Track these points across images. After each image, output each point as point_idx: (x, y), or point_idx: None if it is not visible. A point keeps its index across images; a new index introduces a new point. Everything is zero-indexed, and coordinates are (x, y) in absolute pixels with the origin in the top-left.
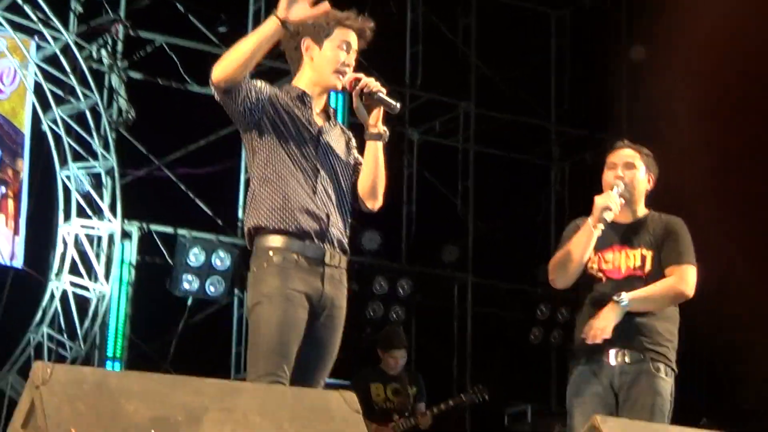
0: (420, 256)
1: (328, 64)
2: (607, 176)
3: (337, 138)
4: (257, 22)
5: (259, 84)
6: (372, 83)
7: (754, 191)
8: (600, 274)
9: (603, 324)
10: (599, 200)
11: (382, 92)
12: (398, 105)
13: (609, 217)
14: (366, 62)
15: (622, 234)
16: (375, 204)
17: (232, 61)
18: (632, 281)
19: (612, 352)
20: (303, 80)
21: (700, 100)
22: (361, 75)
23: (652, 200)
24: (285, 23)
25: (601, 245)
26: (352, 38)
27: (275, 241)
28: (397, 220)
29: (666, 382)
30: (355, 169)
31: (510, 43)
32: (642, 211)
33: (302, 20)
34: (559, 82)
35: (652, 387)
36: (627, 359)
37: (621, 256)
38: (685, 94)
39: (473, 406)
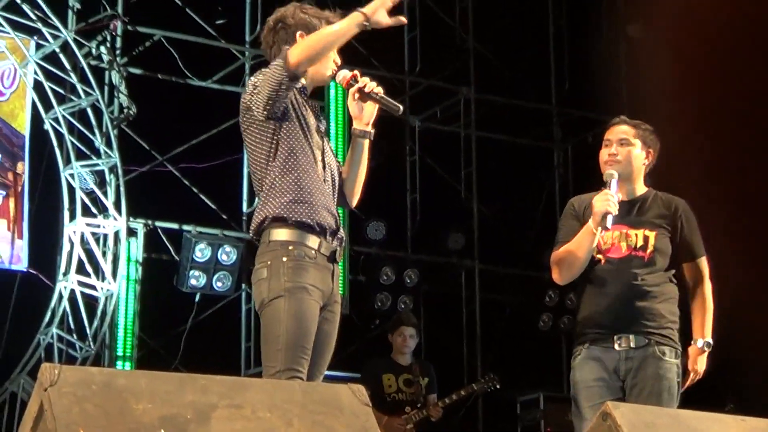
0: (425, 244)
1: (324, 60)
2: (602, 154)
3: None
4: (254, 14)
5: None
6: (371, 83)
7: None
8: (599, 255)
9: (700, 368)
10: (598, 205)
11: (381, 92)
12: (401, 107)
13: (610, 222)
14: (364, 50)
15: (623, 213)
16: (354, 201)
17: (313, 49)
18: (633, 260)
19: (616, 337)
20: None
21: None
22: (356, 72)
23: (653, 180)
24: (366, 24)
25: None
26: None
27: (294, 235)
28: (401, 209)
29: (672, 364)
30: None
31: (508, 25)
32: (641, 188)
33: (381, 25)
34: (559, 64)
35: (659, 371)
36: (632, 344)
37: (622, 236)
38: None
39: (485, 394)
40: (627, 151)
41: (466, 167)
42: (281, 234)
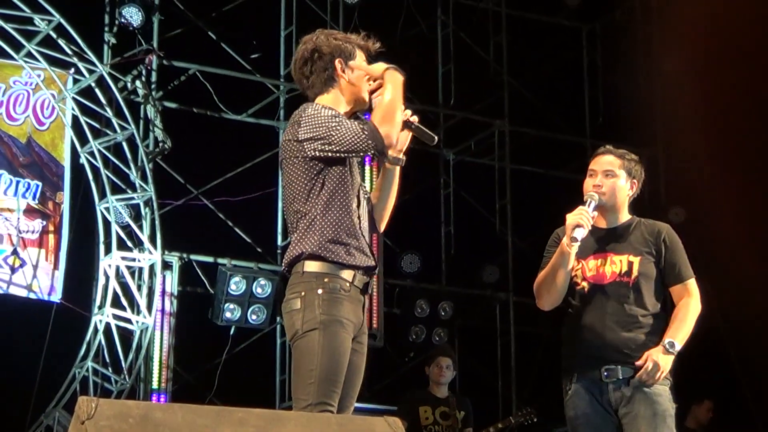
0: (460, 277)
1: (363, 83)
2: (586, 184)
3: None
4: (289, 48)
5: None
6: (407, 111)
7: None
8: (584, 283)
9: (661, 371)
10: (570, 218)
11: (417, 120)
12: (435, 137)
13: (580, 234)
14: None
15: (606, 240)
16: (383, 226)
17: (395, 119)
18: (618, 287)
19: (604, 369)
20: (331, 100)
21: (727, 110)
22: None
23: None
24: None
25: (584, 253)
26: (365, 60)
27: (329, 267)
28: (435, 241)
29: (662, 388)
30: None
31: (542, 58)
32: (625, 216)
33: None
34: (593, 97)
35: (649, 397)
36: (620, 375)
37: (606, 262)
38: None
39: (522, 428)
40: (612, 182)
41: (500, 200)
42: (316, 266)
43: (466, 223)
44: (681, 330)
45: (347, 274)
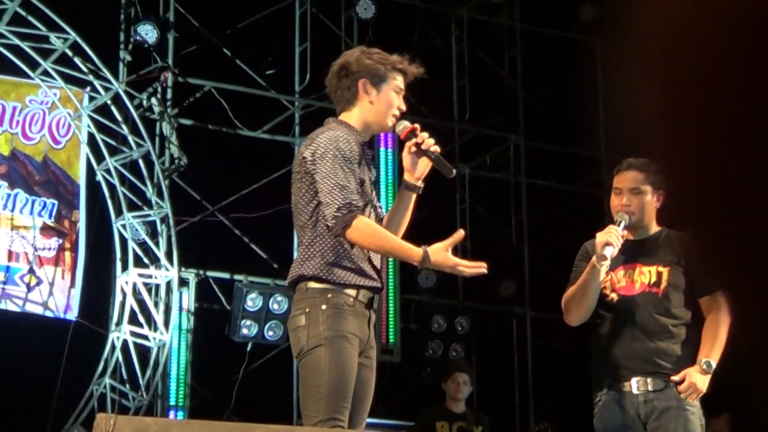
0: (477, 292)
1: (387, 108)
2: (613, 202)
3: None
4: (303, 64)
5: (356, 184)
6: (429, 141)
7: None
8: (613, 294)
9: (701, 389)
10: (600, 237)
11: (438, 151)
12: (454, 171)
13: (610, 253)
14: (413, 99)
15: (635, 251)
16: None
17: (369, 246)
18: (647, 297)
19: (634, 380)
20: (354, 118)
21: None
22: (417, 126)
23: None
24: (421, 266)
25: (613, 264)
26: (402, 82)
27: (332, 286)
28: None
29: (693, 406)
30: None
31: (556, 73)
32: (654, 228)
33: (437, 268)
34: (608, 111)
35: (680, 414)
36: (650, 387)
37: (635, 273)
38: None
39: None
40: (639, 200)
41: (516, 214)
42: (318, 284)
43: (482, 238)
44: (716, 348)
45: (351, 291)
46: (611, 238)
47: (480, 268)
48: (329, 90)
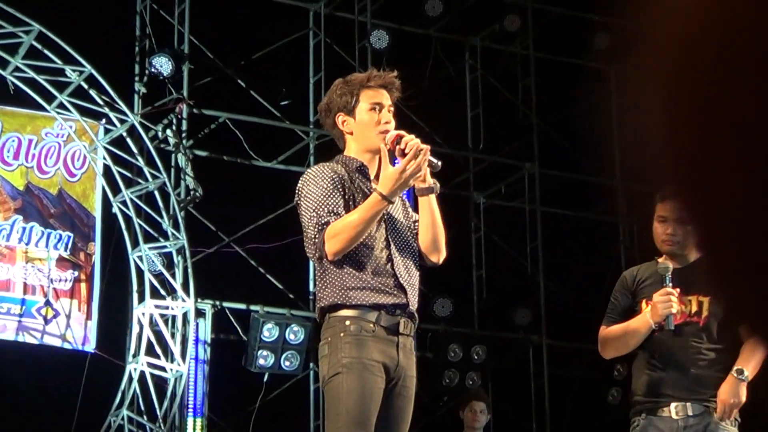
0: (492, 320)
1: (368, 129)
2: (658, 231)
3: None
4: (318, 94)
5: (338, 200)
6: (412, 141)
7: None
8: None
9: (736, 400)
10: (661, 308)
11: (423, 149)
12: (439, 163)
13: (672, 323)
14: (427, 128)
15: (676, 280)
16: (439, 257)
17: (345, 242)
18: (689, 327)
19: (673, 405)
20: (352, 151)
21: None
22: (402, 132)
23: None
24: (388, 201)
25: (653, 293)
26: (382, 96)
27: (351, 311)
28: (467, 285)
29: (732, 429)
30: (414, 227)
31: (570, 101)
32: (694, 255)
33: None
34: (622, 138)
35: None
36: (689, 412)
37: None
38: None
39: None
40: (685, 229)
41: (531, 242)
42: (339, 312)
43: (497, 267)
44: (752, 360)
45: (371, 315)
46: (673, 309)
47: (419, 146)
48: (331, 133)
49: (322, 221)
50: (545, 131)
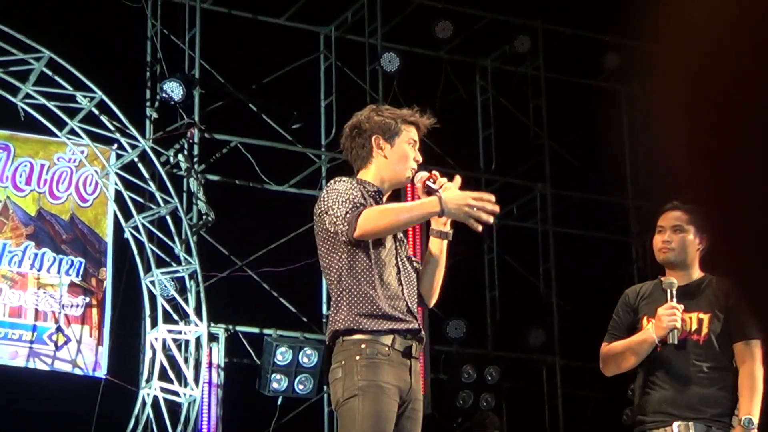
0: (506, 341)
1: (402, 161)
2: (656, 241)
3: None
4: (329, 117)
5: (362, 200)
6: (442, 180)
7: None
8: None
9: None
10: (665, 321)
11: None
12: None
13: (676, 338)
14: (439, 149)
15: (678, 297)
16: (433, 301)
17: (382, 228)
18: (688, 345)
19: (676, 425)
20: (371, 175)
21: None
22: (435, 173)
23: None
24: (440, 215)
25: (654, 311)
26: (416, 134)
27: (367, 335)
28: (480, 306)
29: None
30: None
31: (582, 121)
32: (697, 273)
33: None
34: (634, 158)
35: None
36: (692, 431)
37: None
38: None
39: None
40: (681, 237)
41: (544, 263)
42: (354, 335)
43: (510, 288)
44: (755, 402)
45: (386, 339)
46: (677, 323)
47: (490, 201)
48: (345, 151)
49: (358, 203)
50: (557, 151)
